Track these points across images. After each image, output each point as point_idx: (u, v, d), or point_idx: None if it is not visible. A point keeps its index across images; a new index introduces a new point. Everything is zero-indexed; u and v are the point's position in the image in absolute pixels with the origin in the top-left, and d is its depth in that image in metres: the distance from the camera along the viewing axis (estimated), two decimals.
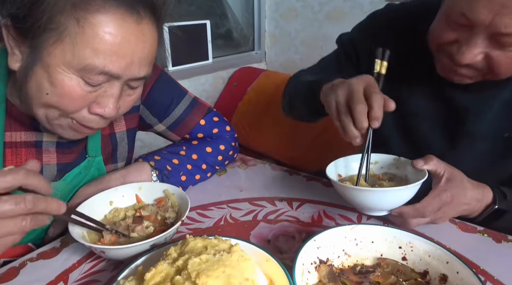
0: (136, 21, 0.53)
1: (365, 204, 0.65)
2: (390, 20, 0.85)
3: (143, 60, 0.56)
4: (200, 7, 2.11)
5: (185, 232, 0.68)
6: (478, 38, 0.60)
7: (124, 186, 0.70)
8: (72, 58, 0.51)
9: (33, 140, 0.65)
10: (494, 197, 0.66)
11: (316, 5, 2.14)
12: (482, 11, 0.57)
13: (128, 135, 0.81)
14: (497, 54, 0.60)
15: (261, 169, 0.95)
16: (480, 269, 0.59)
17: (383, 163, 0.76)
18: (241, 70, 2.28)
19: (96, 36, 0.50)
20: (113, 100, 0.57)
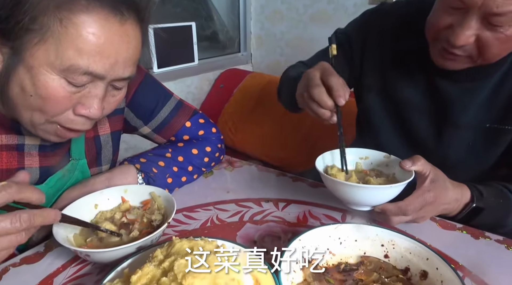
0: (119, 21, 0.53)
1: (351, 199, 0.67)
2: (383, 17, 0.89)
3: (128, 61, 0.56)
4: (186, 9, 2.11)
5: (172, 234, 0.68)
6: (471, 20, 0.64)
7: (110, 189, 0.70)
8: (55, 59, 0.51)
9: (14, 144, 0.64)
10: (472, 196, 0.68)
11: (300, 7, 2.16)
12: None
13: (112, 138, 0.80)
14: (488, 35, 0.64)
15: (247, 170, 0.95)
16: (459, 265, 0.61)
17: (373, 159, 0.78)
18: (227, 72, 2.29)
19: (80, 36, 0.50)
20: (97, 101, 0.56)
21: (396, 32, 0.85)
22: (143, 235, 0.60)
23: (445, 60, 0.72)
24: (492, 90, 0.76)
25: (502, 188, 0.72)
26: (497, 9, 0.60)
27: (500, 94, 0.76)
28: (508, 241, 0.67)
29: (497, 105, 0.77)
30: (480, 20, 0.63)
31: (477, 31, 0.64)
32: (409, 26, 0.79)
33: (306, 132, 1.80)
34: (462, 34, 0.65)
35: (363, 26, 0.92)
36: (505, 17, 0.61)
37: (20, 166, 0.65)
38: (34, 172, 0.67)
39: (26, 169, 0.66)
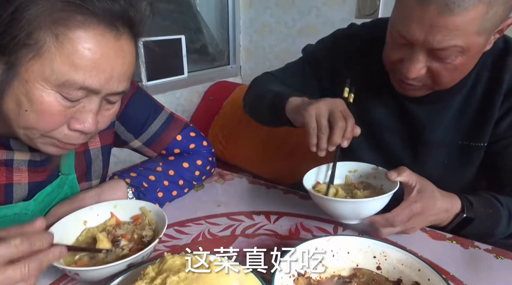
0: (115, 37, 0.54)
1: (338, 213, 0.68)
2: (352, 39, 0.90)
3: (122, 75, 0.57)
4: (175, 22, 2.12)
5: (163, 249, 0.67)
6: (419, 54, 0.66)
7: (99, 204, 0.69)
8: (51, 74, 0.50)
9: (3, 159, 0.63)
10: (462, 206, 0.69)
11: (289, 21, 2.20)
12: (415, 31, 0.63)
13: (103, 152, 0.79)
14: (437, 66, 0.67)
15: (238, 183, 0.95)
16: (450, 275, 0.61)
17: (362, 172, 0.79)
18: (217, 84, 2.30)
19: (76, 51, 0.50)
20: (92, 115, 0.56)
21: (364, 55, 0.87)
22: (133, 252, 0.59)
23: (405, 89, 0.75)
24: (459, 109, 0.79)
25: (491, 198, 0.73)
26: (438, 45, 0.63)
27: (466, 112, 0.78)
28: (497, 250, 0.68)
29: (465, 123, 0.79)
30: (427, 53, 0.66)
31: (427, 63, 0.67)
32: (376, 49, 0.80)
33: (296, 144, 1.81)
34: (413, 68, 0.67)
35: (331, 48, 0.94)
36: (448, 51, 0.64)
37: (8, 181, 0.64)
38: (23, 187, 0.66)
39: (15, 184, 0.64)
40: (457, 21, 0.60)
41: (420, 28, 0.62)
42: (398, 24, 0.66)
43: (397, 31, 0.67)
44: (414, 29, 0.63)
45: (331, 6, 2.01)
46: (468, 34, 0.61)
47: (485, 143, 0.77)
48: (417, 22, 0.62)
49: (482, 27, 0.61)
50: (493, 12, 0.60)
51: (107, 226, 0.66)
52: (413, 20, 0.63)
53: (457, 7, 0.58)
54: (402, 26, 0.65)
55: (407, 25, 0.64)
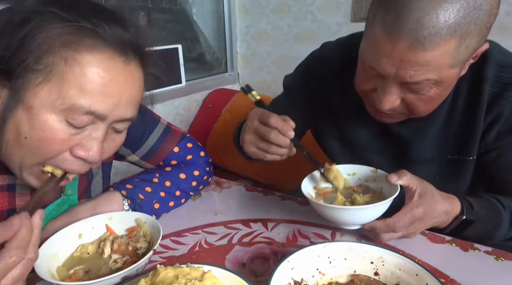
0: (124, 62, 0.54)
1: (338, 220, 0.67)
2: (326, 61, 0.88)
3: (130, 101, 0.56)
4: (172, 31, 2.13)
5: (159, 261, 0.67)
6: (392, 86, 0.64)
7: (94, 217, 0.68)
8: (57, 98, 0.50)
9: (5, 184, 0.62)
10: (462, 208, 0.68)
11: (285, 27, 2.21)
12: (386, 65, 0.61)
13: (103, 169, 0.79)
14: (411, 97, 0.65)
15: (235, 190, 0.95)
16: (450, 279, 0.60)
17: (361, 175, 0.78)
18: (215, 92, 2.30)
19: (84, 75, 0.50)
20: (97, 143, 0.55)
21: (339, 77, 0.84)
22: (128, 264, 0.59)
23: (380, 117, 0.73)
24: (442, 124, 0.76)
25: (493, 200, 0.73)
26: (410, 79, 0.60)
27: (450, 126, 0.76)
28: (497, 252, 0.67)
29: (450, 138, 0.77)
30: (400, 85, 0.63)
31: (401, 94, 0.65)
32: (351, 70, 0.76)
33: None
34: (386, 101, 0.65)
35: (305, 76, 0.92)
36: (421, 84, 0.61)
37: (11, 207, 0.63)
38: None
39: (18, 209, 0.64)
40: (428, 56, 0.57)
41: (391, 62, 0.60)
42: (369, 56, 0.64)
43: (368, 64, 0.64)
44: (385, 63, 0.61)
45: (326, 11, 2.02)
46: (441, 67, 0.59)
47: (473, 156, 0.76)
48: (387, 57, 0.60)
49: (455, 60, 0.59)
50: (465, 45, 0.58)
51: (101, 241, 0.66)
52: (383, 54, 0.60)
53: (428, 42, 0.56)
54: (372, 60, 0.63)
55: (378, 59, 0.61)
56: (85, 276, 0.58)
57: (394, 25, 0.57)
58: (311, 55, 0.94)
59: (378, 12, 0.61)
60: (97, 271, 0.60)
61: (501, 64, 0.71)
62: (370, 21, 0.63)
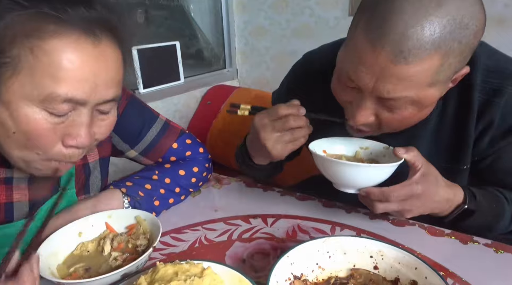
0: (93, 43, 0.51)
1: (337, 177, 0.67)
2: (309, 70, 0.86)
3: (108, 82, 0.55)
4: (169, 28, 2.13)
5: (159, 258, 0.67)
6: (368, 101, 0.63)
7: (94, 215, 0.68)
8: (32, 90, 0.49)
9: (2, 177, 0.62)
10: (465, 197, 0.68)
11: (283, 22, 2.20)
12: (365, 76, 0.59)
13: (100, 164, 0.79)
14: (386, 115, 0.64)
15: (235, 186, 0.95)
16: (449, 272, 0.61)
17: (373, 150, 0.77)
18: (214, 88, 2.30)
19: (53, 63, 0.48)
20: (84, 128, 0.54)
21: (324, 86, 0.80)
22: (128, 262, 0.59)
23: (353, 131, 0.72)
24: (432, 134, 0.75)
25: (497, 192, 0.72)
26: (388, 95, 0.59)
27: (441, 136, 0.75)
28: (497, 245, 0.67)
29: (442, 147, 0.76)
30: (376, 100, 0.62)
31: (375, 110, 0.64)
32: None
33: None
34: (360, 115, 0.64)
35: (289, 85, 0.91)
36: (398, 101, 0.60)
37: (8, 200, 0.63)
38: (23, 205, 0.65)
39: (15, 203, 0.64)
40: (410, 71, 0.56)
41: (370, 74, 0.58)
42: (347, 65, 0.62)
43: (345, 73, 0.63)
44: (364, 74, 0.59)
45: (324, 5, 2.01)
46: (421, 85, 0.58)
47: (467, 165, 0.75)
48: (367, 67, 0.58)
49: (435, 79, 0.58)
50: (448, 64, 0.57)
51: (101, 239, 0.66)
52: (363, 64, 0.58)
53: (412, 55, 0.54)
54: (351, 69, 0.61)
55: (357, 68, 0.60)
56: (85, 274, 0.59)
57: (378, 34, 0.56)
58: (293, 67, 0.93)
59: (361, 20, 0.59)
60: (97, 268, 0.60)
61: (488, 69, 0.69)
62: (353, 28, 0.62)
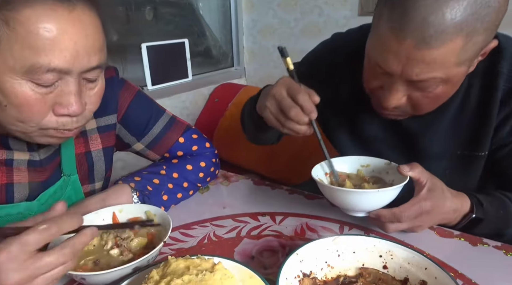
0: (68, 9, 0.51)
1: (344, 204, 0.67)
2: (334, 52, 0.87)
3: (90, 49, 0.54)
4: (178, 26, 2.13)
5: (169, 252, 0.68)
6: (398, 84, 0.64)
7: (105, 209, 0.69)
8: (14, 63, 0.49)
9: (3, 159, 0.64)
10: (472, 206, 0.68)
11: (291, 21, 2.20)
12: (392, 63, 0.60)
13: (104, 154, 0.80)
14: (417, 95, 0.65)
15: (243, 184, 0.95)
16: (459, 273, 0.60)
17: (375, 167, 0.77)
18: (221, 86, 2.31)
19: (30, 33, 0.48)
20: (74, 97, 0.55)
21: (348, 69, 0.83)
22: (139, 255, 0.59)
23: (385, 115, 0.73)
24: (453, 119, 0.76)
25: (504, 198, 0.72)
26: (417, 77, 0.60)
27: (461, 121, 0.75)
28: (507, 247, 0.67)
29: (461, 133, 0.76)
30: (406, 83, 0.63)
31: (407, 92, 0.65)
32: (361, 61, 0.75)
33: (301, 144, 1.80)
34: (392, 98, 0.65)
35: (313, 65, 0.91)
36: (428, 82, 0.61)
37: (9, 181, 0.65)
38: (24, 187, 0.66)
39: (15, 184, 0.65)
40: (434, 55, 0.57)
41: (397, 60, 0.60)
42: (375, 54, 0.64)
43: (374, 60, 0.64)
44: (391, 61, 0.60)
45: (333, 4, 2.01)
46: (448, 65, 0.59)
47: (485, 152, 0.75)
48: (393, 54, 0.59)
49: (462, 58, 0.58)
50: (472, 43, 0.57)
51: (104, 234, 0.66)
52: (389, 51, 0.60)
53: (434, 40, 0.55)
54: (379, 57, 0.62)
55: (384, 56, 0.61)
56: (94, 267, 0.59)
57: (400, 23, 0.57)
58: (321, 44, 0.93)
59: (384, 10, 0.60)
60: (106, 261, 0.60)
61: None
62: (376, 19, 0.63)
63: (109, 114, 0.78)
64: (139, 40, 1.87)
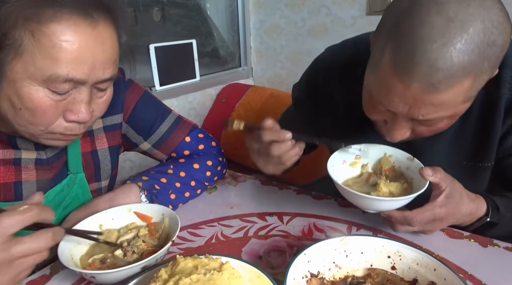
0: (91, 24, 0.54)
1: (359, 204, 0.67)
2: (330, 63, 0.85)
3: (106, 62, 0.57)
4: (186, 27, 2.14)
5: (177, 252, 0.68)
6: (403, 121, 0.62)
7: (114, 208, 0.70)
8: (35, 71, 0.52)
9: (11, 158, 0.65)
10: (488, 209, 0.67)
11: (299, 21, 2.19)
12: (398, 105, 0.59)
13: (110, 153, 0.81)
14: (422, 129, 0.64)
15: (251, 184, 0.95)
16: (468, 275, 0.60)
17: (396, 159, 0.75)
18: (229, 86, 2.31)
19: (54, 45, 0.51)
20: (84, 105, 0.58)
21: (344, 84, 0.81)
22: (147, 255, 0.60)
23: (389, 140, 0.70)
24: (456, 131, 0.74)
25: None
26: (423, 117, 0.59)
27: (465, 133, 0.74)
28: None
29: (465, 144, 0.74)
30: (411, 120, 0.62)
31: (411, 127, 0.64)
32: (357, 75, 0.73)
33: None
34: (397, 134, 0.64)
35: (310, 81, 0.90)
36: (433, 120, 0.60)
37: (17, 179, 0.66)
38: (31, 185, 0.68)
39: (23, 182, 0.67)
40: (443, 98, 0.55)
41: (403, 102, 0.58)
42: (378, 93, 0.61)
43: (376, 98, 0.62)
44: (396, 103, 0.59)
45: (341, 4, 2.00)
46: (455, 105, 0.58)
47: (491, 162, 0.73)
48: (399, 97, 0.58)
49: (468, 96, 0.58)
50: (479, 81, 0.56)
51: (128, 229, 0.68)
52: (394, 94, 0.58)
53: (443, 85, 0.54)
54: (383, 97, 0.60)
55: (389, 98, 0.59)
56: (102, 266, 0.60)
57: (406, 68, 0.54)
58: (315, 60, 0.92)
59: (386, 46, 0.57)
60: (114, 260, 0.61)
61: None
62: (377, 56, 0.60)
63: (115, 114, 0.79)
64: (147, 41, 1.89)
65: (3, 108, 0.56)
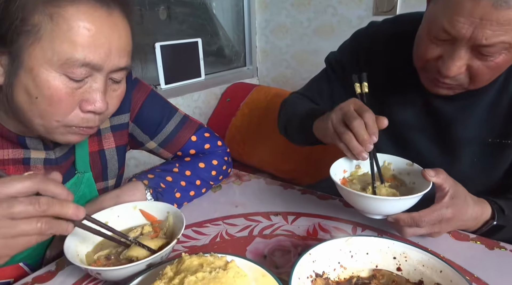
0: (107, 11, 0.56)
1: (363, 208, 0.66)
2: (372, 37, 0.88)
3: (121, 50, 0.59)
4: (192, 25, 2.15)
5: (181, 250, 0.68)
6: (461, 51, 0.63)
7: (119, 206, 0.70)
8: (52, 55, 0.53)
9: (20, 158, 0.66)
10: (493, 213, 0.67)
11: (304, 20, 2.19)
12: (463, 26, 0.60)
13: (117, 152, 0.82)
14: (478, 64, 0.64)
15: (255, 183, 0.95)
16: (475, 277, 0.59)
17: (395, 166, 0.76)
18: (233, 86, 2.31)
19: (72, 29, 0.52)
20: (100, 95, 0.58)
21: (385, 53, 0.85)
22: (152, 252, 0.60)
23: (438, 88, 0.72)
24: (489, 106, 0.75)
25: None
26: (486, 41, 0.59)
27: (497, 109, 0.75)
28: None
29: (496, 120, 0.75)
30: (469, 50, 0.63)
31: (468, 61, 0.64)
32: (397, 47, 0.77)
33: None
34: (453, 66, 0.64)
35: (352, 50, 0.93)
36: (494, 47, 0.60)
37: None
38: None
39: None
40: (510, 15, 0.56)
41: (468, 22, 0.59)
42: (442, 18, 0.62)
43: (440, 26, 0.63)
44: (461, 24, 0.59)
45: (347, 4, 1.99)
46: None
47: None
48: (466, 16, 0.58)
49: None
50: None
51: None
52: (462, 14, 0.59)
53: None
54: (448, 21, 0.61)
55: (454, 20, 0.60)
56: (107, 262, 0.60)
57: None
58: (357, 32, 0.95)
59: None
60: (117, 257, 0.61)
61: None
62: None
63: (122, 113, 0.79)
64: (153, 40, 1.89)
65: (18, 100, 0.56)
